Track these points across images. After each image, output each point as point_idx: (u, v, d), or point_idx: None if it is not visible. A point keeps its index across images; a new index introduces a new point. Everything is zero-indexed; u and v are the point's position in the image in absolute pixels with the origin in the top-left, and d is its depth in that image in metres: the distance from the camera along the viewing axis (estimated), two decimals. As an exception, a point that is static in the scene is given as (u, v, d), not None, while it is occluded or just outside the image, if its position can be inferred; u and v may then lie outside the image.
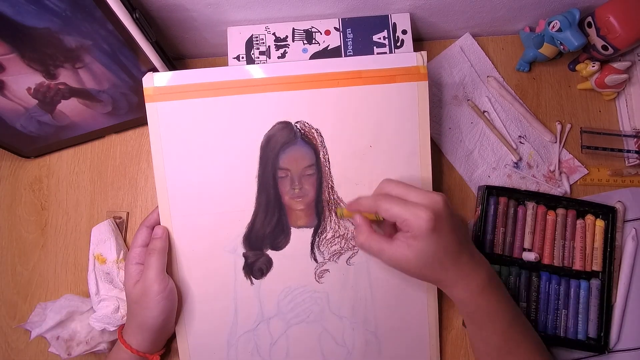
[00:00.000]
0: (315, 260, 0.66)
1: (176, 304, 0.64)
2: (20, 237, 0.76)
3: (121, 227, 0.75)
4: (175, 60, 0.75)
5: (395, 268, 0.57)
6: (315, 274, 0.66)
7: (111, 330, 0.66)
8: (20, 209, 0.77)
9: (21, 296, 0.74)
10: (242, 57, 0.72)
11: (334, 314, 0.67)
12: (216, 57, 0.82)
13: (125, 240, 0.75)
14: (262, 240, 0.66)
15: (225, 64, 0.73)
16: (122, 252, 0.71)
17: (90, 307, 0.69)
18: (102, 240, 0.72)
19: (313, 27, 0.73)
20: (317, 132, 0.65)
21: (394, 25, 0.73)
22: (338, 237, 0.66)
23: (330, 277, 0.66)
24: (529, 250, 0.71)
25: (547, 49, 0.73)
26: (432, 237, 0.53)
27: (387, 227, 0.61)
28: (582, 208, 0.72)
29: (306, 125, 0.65)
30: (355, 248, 0.66)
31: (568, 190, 0.74)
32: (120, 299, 0.67)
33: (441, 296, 0.69)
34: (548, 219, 0.71)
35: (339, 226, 0.66)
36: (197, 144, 0.64)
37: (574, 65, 0.78)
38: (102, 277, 0.69)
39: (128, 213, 0.76)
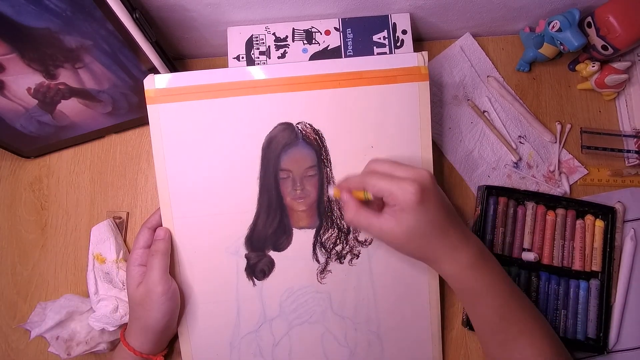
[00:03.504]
0: (317, 261, 0.66)
1: (179, 305, 0.64)
2: (20, 237, 0.76)
3: (121, 227, 0.75)
4: (175, 60, 0.75)
5: (383, 242, 0.58)
6: (317, 275, 0.66)
7: (110, 330, 0.66)
8: (20, 209, 0.77)
9: (21, 296, 0.74)
10: (242, 57, 0.72)
11: (336, 314, 0.67)
12: (216, 57, 0.82)
13: (125, 241, 0.75)
14: (264, 242, 0.66)
15: (225, 64, 0.73)
16: (121, 252, 0.71)
17: (90, 307, 0.69)
18: (102, 240, 0.72)
19: (313, 27, 0.73)
20: (318, 133, 0.65)
21: (394, 25, 0.73)
22: (340, 237, 0.66)
23: (333, 278, 0.67)
24: (529, 250, 0.71)
25: (547, 49, 0.73)
26: (419, 209, 0.54)
27: (375, 205, 0.60)
28: (581, 208, 0.72)
29: (307, 126, 0.65)
30: (357, 249, 0.66)
31: (568, 190, 0.74)
32: (119, 299, 0.67)
33: (442, 296, 0.69)
34: (547, 219, 0.71)
35: (341, 227, 0.66)
36: (199, 146, 0.64)
37: (574, 65, 0.79)
38: (101, 277, 0.69)
39: (128, 213, 0.76)
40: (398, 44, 0.72)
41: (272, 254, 0.66)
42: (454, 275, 0.58)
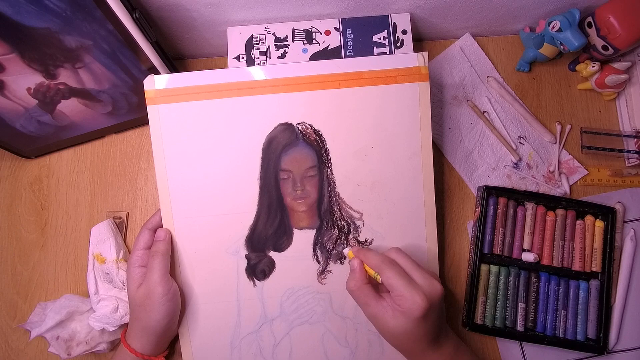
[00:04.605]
0: (318, 261, 0.66)
1: (179, 306, 0.64)
2: (20, 237, 0.76)
3: (121, 227, 0.75)
4: (175, 60, 0.75)
5: (372, 324, 0.60)
6: (317, 275, 0.66)
7: (110, 330, 0.66)
8: (20, 209, 0.77)
9: (21, 296, 0.74)
10: (242, 57, 0.72)
11: (336, 314, 0.67)
12: (216, 57, 0.82)
13: (125, 241, 0.75)
14: (264, 242, 0.66)
15: (225, 64, 0.73)
16: (121, 252, 0.71)
17: (90, 307, 0.69)
18: (102, 240, 0.72)
19: (313, 27, 0.73)
20: (318, 133, 0.65)
21: (394, 25, 0.73)
22: (341, 238, 0.66)
23: (333, 278, 0.67)
24: (529, 250, 0.71)
25: (547, 49, 0.73)
26: (419, 322, 0.56)
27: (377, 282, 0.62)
28: (581, 209, 0.72)
29: (308, 126, 0.65)
30: (358, 249, 0.66)
31: (568, 190, 0.74)
32: (119, 299, 0.67)
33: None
34: (547, 220, 0.71)
35: (341, 227, 0.66)
36: (199, 146, 0.64)
37: (574, 65, 0.79)
38: (101, 277, 0.69)
39: (128, 213, 0.76)
40: (398, 44, 0.72)
41: (273, 254, 0.66)
42: None
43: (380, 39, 0.72)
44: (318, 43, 0.72)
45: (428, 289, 0.56)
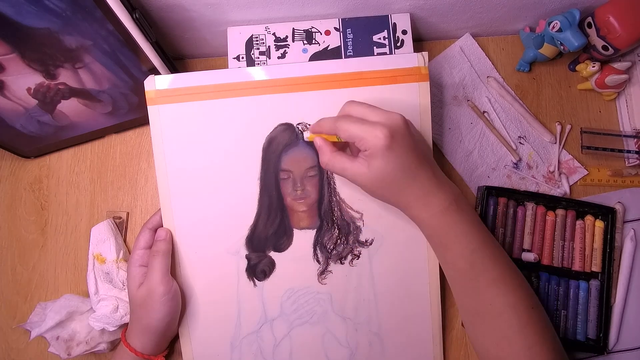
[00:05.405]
0: (318, 261, 0.66)
1: (180, 305, 0.64)
2: (20, 237, 0.76)
3: (121, 227, 0.75)
4: (175, 60, 0.75)
5: (358, 186, 0.58)
6: (318, 275, 0.66)
7: (110, 330, 0.66)
8: (20, 209, 0.77)
9: (21, 296, 0.74)
10: (242, 57, 0.72)
11: (337, 315, 0.67)
12: (216, 58, 0.82)
13: (125, 241, 0.75)
14: (264, 242, 0.66)
15: (225, 64, 0.73)
16: (121, 252, 0.71)
17: (90, 307, 0.69)
18: (102, 240, 0.72)
19: (313, 27, 0.73)
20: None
21: (394, 25, 0.73)
22: (341, 238, 0.66)
23: (333, 279, 0.67)
24: (529, 250, 0.71)
25: (547, 49, 0.73)
26: (388, 155, 0.53)
27: (353, 149, 0.60)
28: (581, 209, 0.72)
29: (308, 126, 0.65)
30: (358, 249, 0.66)
31: (568, 190, 0.74)
32: (119, 299, 0.67)
33: (443, 296, 0.69)
34: (547, 220, 0.71)
35: (341, 227, 0.66)
36: (199, 146, 0.64)
37: (574, 65, 0.78)
38: (101, 277, 0.69)
39: (128, 213, 0.76)
40: (398, 44, 0.72)
41: (273, 254, 0.66)
42: (423, 221, 0.58)
43: (380, 39, 0.72)
44: (318, 43, 0.72)
45: (385, 119, 0.54)
